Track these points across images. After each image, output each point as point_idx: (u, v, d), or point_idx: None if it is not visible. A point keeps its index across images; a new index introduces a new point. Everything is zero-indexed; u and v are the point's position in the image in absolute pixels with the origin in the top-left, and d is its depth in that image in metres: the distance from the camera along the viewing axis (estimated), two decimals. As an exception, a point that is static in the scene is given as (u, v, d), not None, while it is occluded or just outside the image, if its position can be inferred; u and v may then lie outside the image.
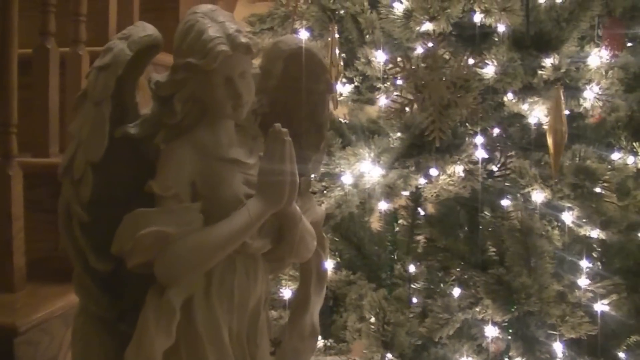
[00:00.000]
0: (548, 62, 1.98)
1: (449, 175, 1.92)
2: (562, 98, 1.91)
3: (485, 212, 2.23)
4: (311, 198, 1.62)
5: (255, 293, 1.45)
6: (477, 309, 1.92)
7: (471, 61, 1.97)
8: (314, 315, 1.58)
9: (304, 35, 2.31)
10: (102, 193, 1.39)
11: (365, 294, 2.01)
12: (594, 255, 2.08)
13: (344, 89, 2.10)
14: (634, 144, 2.11)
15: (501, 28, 2.08)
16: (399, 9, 1.96)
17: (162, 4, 2.78)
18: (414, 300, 2.09)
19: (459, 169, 1.96)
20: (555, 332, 1.84)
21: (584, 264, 2.05)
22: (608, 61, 2.07)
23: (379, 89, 2.14)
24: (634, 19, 2.19)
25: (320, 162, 1.70)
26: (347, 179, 2.10)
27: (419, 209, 2.31)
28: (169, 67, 1.42)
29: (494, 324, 1.94)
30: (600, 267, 2.11)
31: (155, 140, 1.41)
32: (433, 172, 1.94)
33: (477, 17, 1.99)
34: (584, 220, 1.94)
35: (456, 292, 2.03)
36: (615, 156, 2.14)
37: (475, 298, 1.93)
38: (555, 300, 1.91)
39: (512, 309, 1.85)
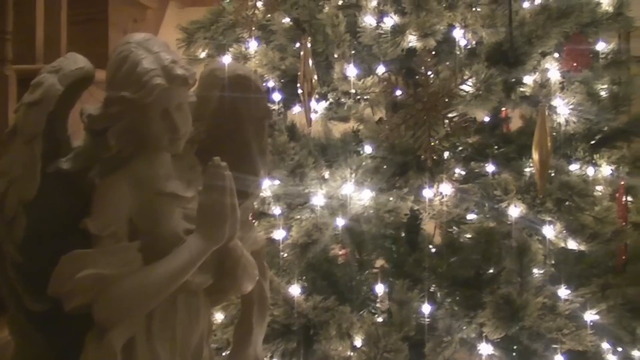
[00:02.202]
0: (529, 79, 1.87)
1: (442, 195, 1.76)
2: (547, 115, 1.81)
3: (454, 227, 2.08)
4: (252, 227, 1.48)
5: (198, 330, 1.32)
6: (472, 327, 1.76)
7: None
8: (257, 347, 1.47)
9: (253, 45, 2.06)
10: (37, 230, 1.25)
11: (353, 321, 1.80)
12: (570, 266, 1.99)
13: (318, 105, 1.87)
14: (594, 155, 2.05)
15: (464, 42, 1.95)
16: (387, 24, 1.77)
17: (91, 15, 2.43)
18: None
19: (444, 188, 1.80)
20: (556, 345, 1.72)
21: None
22: (570, 77, 1.98)
23: (344, 104, 1.93)
24: (585, 34, 2.12)
25: (260, 189, 1.61)
26: (318, 201, 1.88)
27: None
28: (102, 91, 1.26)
29: (488, 341, 1.80)
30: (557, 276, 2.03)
31: (89, 175, 1.29)
32: (427, 192, 1.76)
33: (458, 33, 1.84)
34: (567, 233, 1.84)
35: (434, 310, 1.88)
36: (573, 167, 2.07)
37: (469, 317, 1.77)
38: (544, 312, 1.80)
39: (517, 326, 1.72)
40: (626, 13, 2.10)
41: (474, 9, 1.80)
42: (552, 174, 1.89)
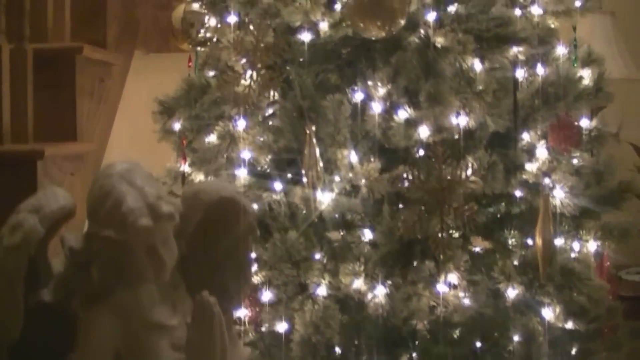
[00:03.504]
0: (532, 167, 1.80)
1: (453, 287, 1.66)
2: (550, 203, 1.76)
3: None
4: (236, 341, 1.43)
5: None
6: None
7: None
8: None
9: (241, 125, 1.88)
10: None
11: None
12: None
13: (324, 196, 1.73)
14: (581, 230, 2.02)
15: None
16: (401, 116, 1.66)
17: (58, 81, 2.18)
18: None
19: (452, 278, 1.71)
20: None
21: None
22: (558, 156, 1.93)
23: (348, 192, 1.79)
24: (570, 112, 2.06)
25: (242, 301, 1.60)
26: (321, 291, 1.75)
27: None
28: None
29: None
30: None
31: (72, 305, 1.23)
32: (441, 287, 1.66)
33: (462, 119, 1.74)
34: (566, 315, 1.79)
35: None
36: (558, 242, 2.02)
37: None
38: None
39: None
40: (605, 88, 2.07)
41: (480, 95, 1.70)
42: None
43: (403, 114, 1.65)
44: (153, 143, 2.22)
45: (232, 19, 1.93)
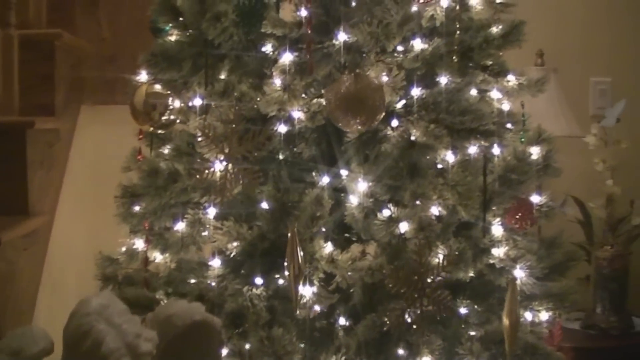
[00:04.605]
0: (498, 252, 1.84)
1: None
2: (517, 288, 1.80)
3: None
4: None
5: None
6: None
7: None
8: None
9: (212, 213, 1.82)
10: None
11: None
12: None
13: (305, 289, 1.70)
14: (533, 302, 2.07)
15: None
16: (385, 214, 1.65)
17: (8, 155, 2.02)
18: None
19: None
20: None
21: None
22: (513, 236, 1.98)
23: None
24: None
25: None
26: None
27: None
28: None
29: None
30: None
31: None
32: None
33: (435, 210, 1.76)
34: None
35: None
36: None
37: None
38: None
39: None
40: (552, 164, 2.13)
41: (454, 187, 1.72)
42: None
43: (387, 211, 1.65)
44: (100, 201, 2.12)
45: (198, 102, 1.86)
